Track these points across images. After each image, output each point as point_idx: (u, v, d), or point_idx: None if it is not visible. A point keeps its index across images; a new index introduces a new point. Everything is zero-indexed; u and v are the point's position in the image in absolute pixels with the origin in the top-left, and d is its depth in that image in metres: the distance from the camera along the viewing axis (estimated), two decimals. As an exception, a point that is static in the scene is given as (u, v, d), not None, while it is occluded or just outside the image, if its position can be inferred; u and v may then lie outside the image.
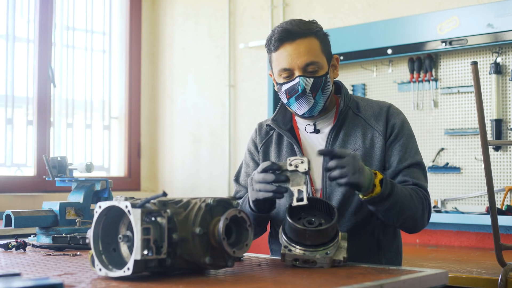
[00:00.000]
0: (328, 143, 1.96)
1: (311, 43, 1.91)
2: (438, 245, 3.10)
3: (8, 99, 3.71)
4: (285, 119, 2.07)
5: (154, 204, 1.42)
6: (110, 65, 4.29)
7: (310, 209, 1.71)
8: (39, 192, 3.70)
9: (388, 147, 1.94)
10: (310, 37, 1.91)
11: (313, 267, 1.60)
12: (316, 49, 1.91)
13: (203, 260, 1.42)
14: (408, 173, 1.91)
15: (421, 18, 3.11)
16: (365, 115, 1.99)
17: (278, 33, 1.91)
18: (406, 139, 1.95)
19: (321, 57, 1.92)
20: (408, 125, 2.00)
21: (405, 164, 1.91)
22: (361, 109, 2.00)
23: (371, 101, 2.05)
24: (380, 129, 1.95)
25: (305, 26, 1.92)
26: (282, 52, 1.90)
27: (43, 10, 3.86)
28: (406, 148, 1.93)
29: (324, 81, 1.91)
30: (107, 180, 2.24)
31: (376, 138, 1.94)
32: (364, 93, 3.39)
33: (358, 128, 1.96)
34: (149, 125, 4.43)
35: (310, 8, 3.70)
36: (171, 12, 4.41)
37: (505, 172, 2.94)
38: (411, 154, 1.93)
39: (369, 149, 1.93)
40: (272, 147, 2.05)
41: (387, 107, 2.00)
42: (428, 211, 1.91)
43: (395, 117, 1.97)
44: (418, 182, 1.90)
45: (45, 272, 1.53)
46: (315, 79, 1.90)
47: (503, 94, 2.96)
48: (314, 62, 1.89)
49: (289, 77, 1.91)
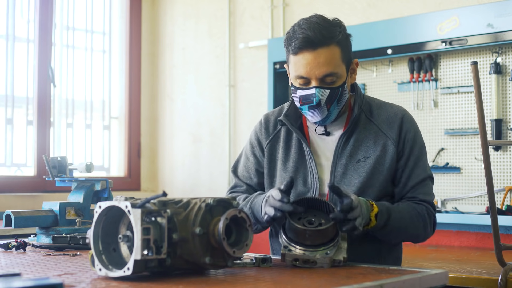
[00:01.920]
0: (338, 147, 1.91)
1: (332, 53, 1.83)
2: (438, 245, 3.10)
3: (8, 99, 3.71)
4: (296, 115, 2.00)
5: (154, 204, 1.42)
6: (110, 65, 4.29)
7: (310, 209, 1.71)
8: (39, 192, 3.70)
9: (400, 159, 1.91)
10: (331, 46, 1.83)
11: (313, 267, 1.60)
12: (336, 59, 1.84)
13: (203, 260, 1.42)
14: (418, 189, 1.90)
15: (421, 18, 3.11)
16: (378, 121, 1.93)
17: (300, 39, 1.82)
18: (419, 152, 1.93)
19: (341, 66, 1.86)
20: (420, 135, 1.97)
21: (417, 180, 1.90)
22: (374, 114, 1.95)
23: (385, 105, 1.98)
24: (393, 136, 1.90)
25: (328, 32, 1.83)
26: (301, 59, 1.83)
27: (43, 10, 3.86)
28: (419, 163, 1.92)
29: (341, 92, 1.86)
30: (107, 180, 2.24)
31: (388, 146, 1.90)
32: (364, 93, 3.39)
33: (370, 135, 1.91)
34: (149, 125, 4.43)
35: (310, 8, 3.70)
36: (171, 12, 4.41)
37: (505, 172, 2.94)
38: (423, 169, 1.92)
39: (380, 156, 1.89)
40: (280, 145, 1.99)
41: (402, 115, 1.94)
42: (431, 225, 1.92)
43: (410, 128, 1.93)
44: (425, 199, 1.90)
45: (45, 272, 1.53)
46: (331, 90, 1.84)
47: (503, 94, 2.96)
48: (333, 73, 1.83)
49: (306, 84, 1.85)
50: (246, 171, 2.06)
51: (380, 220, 1.77)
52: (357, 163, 1.89)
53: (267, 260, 1.64)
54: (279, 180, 1.97)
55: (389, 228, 1.81)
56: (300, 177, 1.93)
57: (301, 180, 1.93)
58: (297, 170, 1.94)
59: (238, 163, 2.10)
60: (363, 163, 1.89)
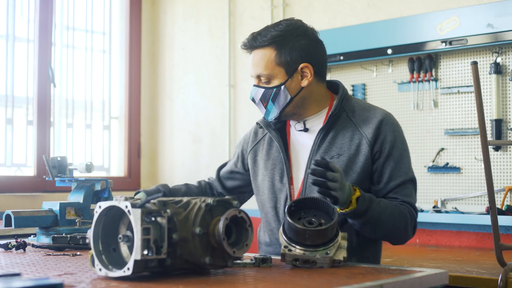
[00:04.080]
0: (315, 143, 1.97)
1: (264, 55, 1.94)
2: (438, 245, 3.10)
3: (8, 99, 3.71)
4: None
5: (154, 204, 1.42)
6: (110, 65, 4.29)
7: (310, 209, 1.71)
8: (39, 192, 3.70)
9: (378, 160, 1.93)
10: (265, 48, 1.94)
11: (313, 267, 1.60)
12: (269, 61, 1.94)
13: (203, 260, 1.42)
14: (399, 191, 1.92)
15: (421, 18, 3.11)
16: (358, 120, 1.97)
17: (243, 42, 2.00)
18: (399, 155, 1.94)
19: (274, 68, 1.94)
20: (402, 138, 1.98)
21: (397, 182, 1.92)
22: (355, 114, 1.98)
23: (368, 107, 2.01)
24: (369, 137, 1.93)
25: (263, 36, 1.94)
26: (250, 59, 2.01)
27: (43, 10, 3.86)
28: (399, 165, 1.93)
29: (275, 93, 1.95)
30: (107, 180, 2.24)
31: (362, 145, 1.93)
32: (364, 93, 3.39)
33: (348, 133, 1.95)
34: (149, 125, 4.43)
35: (310, 8, 3.70)
36: (171, 12, 4.41)
37: (505, 172, 2.94)
38: (404, 170, 1.93)
39: (354, 155, 1.93)
40: (264, 146, 2.10)
41: (382, 117, 1.96)
42: (412, 227, 1.93)
43: (389, 130, 1.94)
44: (407, 200, 1.92)
45: (45, 272, 1.53)
46: (265, 89, 1.96)
47: (503, 94, 2.96)
48: (264, 74, 1.95)
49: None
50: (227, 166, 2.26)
51: (361, 205, 1.77)
52: (330, 159, 1.93)
53: (267, 260, 1.64)
54: (261, 178, 2.08)
55: (368, 216, 1.80)
56: (278, 174, 2.02)
57: (278, 176, 2.02)
58: (275, 167, 2.04)
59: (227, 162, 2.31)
60: (336, 160, 1.93)
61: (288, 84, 1.95)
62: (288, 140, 2.05)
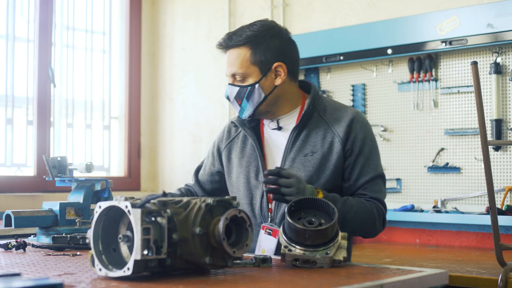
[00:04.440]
0: (289, 141, 2.04)
1: (239, 54, 2.01)
2: (438, 245, 3.10)
3: (8, 99, 3.70)
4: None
5: (154, 204, 1.42)
6: (110, 65, 4.29)
7: (310, 209, 1.71)
8: (39, 192, 3.70)
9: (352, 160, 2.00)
10: (239, 48, 2.01)
11: (313, 267, 1.60)
12: (244, 60, 2.00)
13: (203, 260, 1.43)
14: (368, 187, 2.00)
15: (421, 18, 3.11)
16: (329, 119, 2.04)
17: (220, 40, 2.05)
18: (369, 152, 2.01)
19: (249, 67, 2.00)
20: (372, 136, 2.05)
21: (367, 178, 1.99)
22: (327, 113, 2.06)
23: (339, 106, 2.09)
24: (341, 135, 2.00)
25: (237, 36, 2.01)
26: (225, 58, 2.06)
27: (43, 10, 3.86)
28: (369, 161, 2.01)
29: (249, 91, 2.01)
30: (107, 180, 2.24)
31: (335, 142, 2.00)
32: (364, 93, 3.40)
33: (320, 131, 2.03)
34: (149, 125, 4.43)
35: (310, 8, 3.70)
36: (171, 12, 4.41)
37: (505, 172, 2.94)
38: (373, 167, 2.01)
39: (327, 153, 1.99)
40: (238, 145, 2.15)
41: (353, 115, 2.03)
42: (381, 222, 2.01)
43: (359, 128, 2.01)
44: (375, 196, 1.99)
45: (45, 272, 1.53)
46: (240, 88, 2.02)
47: (503, 94, 2.96)
48: (238, 73, 2.01)
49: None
50: (204, 168, 2.27)
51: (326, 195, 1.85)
52: (304, 157, 2.00)
53: (267, 260, 1.64)
54: (235, 175, 2.12)
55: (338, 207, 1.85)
56: (253, 171, 2.08)
57: (253, 174, 2.08)
58: (249, 165, 2.09)
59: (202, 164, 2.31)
60: (310, 157, 2.00)
61: (262, 82, 2.01)
62: (262, 139, 2.12)
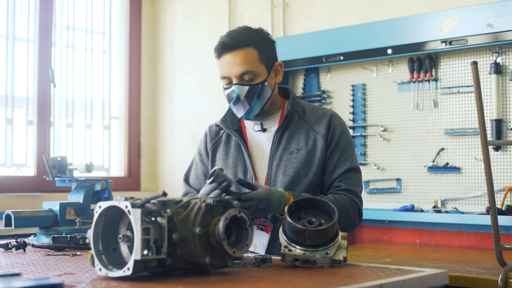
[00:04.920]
0: (274, 142, 2.14)
1: (248, 54, 2.05)
2: (438, 245, 3.10)
3: (8, 99, 3.71)
4: (234, 119, 2.24)
5: (154, 204, 1.42)
6: (110, 65, 4.29)
7: (310, 209, 1.71)
8: (39, 192, 3.70)
9: (329, 153, 2.11)
10: (247, 48, 2.06)
11: (313, 267, 1.60)
12: (253, 59, 2.06)
13: (203, 260, 1.43)
14: (344, 178, 2.10)
15: (421, 18, 3.11)
16: (309, 119, 2.15)
17: (219, 43, 2.08)
18: (344, 146, 2.12)
19: (258, 66, 2.07)
20: (348, 132, 2.17)
21: (342, 169, 2.09)
22: (306, 114, 2.17)
23: (317, 108, 2.21)
24: (322, 132, 2.12)
25: (243, 36, 2.07)
26: (222, 61, 2.08)
27: (43, 10, 3.86)
28: (344, 155, 2.11)
29: (260, 89, 2.08)
30: (107, 180, 2.24)
31: (318, 140, 2.11)
32: (364, 93, 3.39)
33: (302, 130, 2.13)
34: (149, 125, 4.43)
35: (310, 8, 3.70)
36: (171, 12, 4.41)
37: (505, 172, 2.94)
38: (348, 160, 2.11)
39: (311, 149, 2.10)
40: (221, 147, 2.22)
41: (330, 115, 2.15)
42: (356, 214, 2.09)
43: (337, 125, 2.14)
44: (350, 188, 2.09)
45: (45, 272, 1.53)
46: (250, 87, 2.06)
47: (503, 94, 2.96)
48: (250, 71, 2.05)
49: (229, 83, 2.08)
50: (196, 177, 2.29)
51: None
52: (290, 154, 2.11)
53: (267, 260, 1.64)
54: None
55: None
56: (240, 171, 2.15)
57: (241, 173, 2.14)
58: (236, 165, 2.16)
59: (189, 172, 2.33)
60: (296, 154, 2.11)
61: (268, 80, 2.11)
62: (246, 140, 2.19)
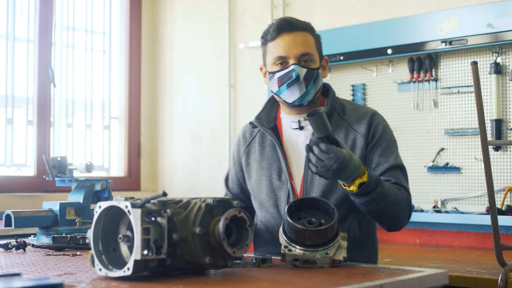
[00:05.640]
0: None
1: (308, 37, 2.02)
2: (438, 245, 3.10)
3: (8, 99, 3.71)
4: (270, 117, 2.15)
5: (154, 204, 1.42)
6: (110, 65, 4.29)
7: (310, 209, 1.71)
8: (39, 192, 3.70)
9: (370, 150, 2.00)
10: (306, 32, 2.02)
11: (313, 267, 1.60)
12: (312, 43, 2.02)
13: (203, 260, 1.43)
14: (390, 174, 1.97)
15: (421, 18, 3.11)
16: (349, 119, 2.05)
17: (277, 23, 2.01)
18: (387, 144, 2.02)
19: (315, 52, 2.03)
20: (390, 131, 2.07)
21: (387, 165, 1.98)
22: (346, 113, 2.07)
23: (357, 106, 2.11)
24: (362, 131, 2.01)
25: (303, 22, 2.04)
26: (279, 41, 1.99)
27: (43, 10, 3.86)
28: (388, 152, 2.00)
29: (317, 74, 2.01)
30: (107, 180, 2.24)
31: (358, 139, 2.01)
32: (364, 93, 3.39)
33: (342, 130, 2.03)
34: (149, 125, 4.43)
35: (310, 8, 3.70)
36: (171, 12, 4.41)
37: (505, 172, 2.94)
38: (393, 157, 2.00)
39: (351, 149, 1.99)
40: (255, 148, 2.14)
41: (372, 113, 2.06)
42: (408, 210, 1.97)
43: (378, 122, 2.04)
44: (400, 182, 1.95)
45: (45, 272, 1.53)
46: (308, 69, 1.98)
47: (503, 94, 2.96)
48: (309, 54, 1.99)
49: (283, 64, 1.99)
50: (232, 181, 2.23)
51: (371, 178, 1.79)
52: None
53: (267, 260, 1.64)
54: (256, 178, 2.10)
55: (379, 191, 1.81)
56: (275, 172, 2.06)
57: (276, 175, 2.05)
58: (271, 166, 2.07)
59: (228, 173, 2.27)
60: None
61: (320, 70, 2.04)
62: (282, 139, 2.09)
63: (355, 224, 1.99)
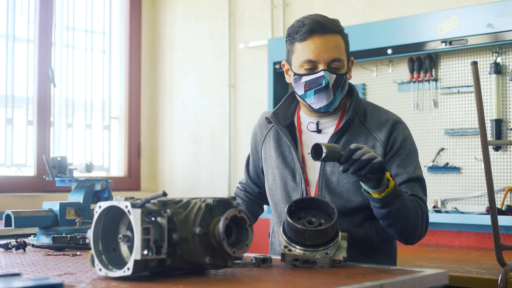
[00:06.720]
0: None
1: (339, 41, 1.93)
2: (438, 245, 3.10)
3: (8, 99, 3.71)
4: (287, 113, 2.07)
5: (154, 204, 1.42)
6: (110, 65, 4.29)
7: (310, 209, 1.71)
8: (39, 192, 3.70)
9: (389, 159, 1.93)
10: (338, 35, 1.93)
11: (313, 267, 1.60)
12: (342, 47, 1.93)
13: (203, 260, 1.42)
14: (407, 186, 1.91)
15: (421, 18, 3.11)
16: (370, 125, 1.97)
17: (309, 24, 1.91)
18: (407, 154, 1.93)
19: (345, 56, 1.94)
20: (412, 140, 1.98)
21: (404, 177, 1.91)
22: (367, 118, 1.98)
23: (380, 111, 2.01)
24: (382, 139, 1.93)
25: (334, 23, 1.94)
26: (310, 44, 1.90)
27: (43, 10, 3.86)
28: (407, 163, 1.92)
29: (345, 80, 1.94)
30: (107, 180, 2.24)
31: (377, 147, 1.93)
32: (364, 93, 3.39)
33: (361, 137, 1.95)
34: (149, 125, 4.43)
35: (310, 8, 3.70)
36: (171, 12, 4.41)
37: (505, 172, 2.94)
38: (411, 168, 1.92)
39: None
40: (271, 142, 2.06)
41: (394, 121, 1.97)
42: (426, 223, 1.92)
43: (399, 131, 1.95)
44: (417, 195, 1.90)
45: (45, 272, 1.53)
46: (337, 76, 1.91)
47: (503, 94, 2.96)
48: (340, 59, 1.91)
49: (312, 69, 1.90)
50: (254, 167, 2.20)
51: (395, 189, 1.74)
52: None
53: (267, 260, 1.64)
54: (272, 177, 2.05)
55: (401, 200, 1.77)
56: (290, 173, 1.99)
57: (290, 176, 1.99)
58: (286, 167, 2.00)
59: (248, 159, 2.24)
60: None
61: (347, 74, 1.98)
62: (300, 140, 2.02)
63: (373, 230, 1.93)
